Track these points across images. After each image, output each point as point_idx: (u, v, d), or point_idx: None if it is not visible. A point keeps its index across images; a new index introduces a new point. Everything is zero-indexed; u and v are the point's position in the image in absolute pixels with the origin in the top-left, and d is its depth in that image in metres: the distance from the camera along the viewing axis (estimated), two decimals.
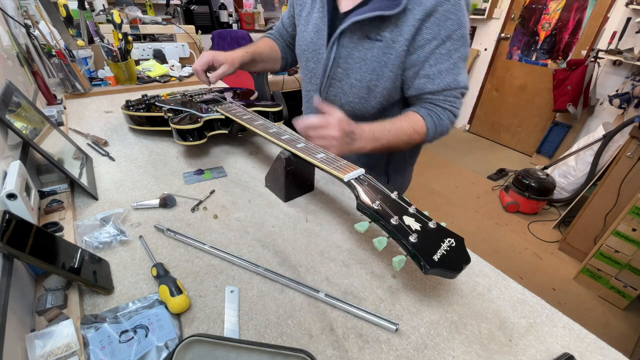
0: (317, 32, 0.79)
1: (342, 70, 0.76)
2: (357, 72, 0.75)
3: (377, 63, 0.72)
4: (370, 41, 0.71)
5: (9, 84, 0.67)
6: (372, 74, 0.73)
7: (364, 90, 0.76)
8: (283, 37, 1.02)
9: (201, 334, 0.38)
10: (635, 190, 1.63)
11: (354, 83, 0.76)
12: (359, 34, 0.72)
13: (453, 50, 0.68)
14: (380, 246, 0.46)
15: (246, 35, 2.64)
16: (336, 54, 0.75)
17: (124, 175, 0.75)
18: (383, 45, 0.70)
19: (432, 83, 0.70)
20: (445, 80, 0.70)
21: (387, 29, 0.69)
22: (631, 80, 2.36)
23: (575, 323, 0.48)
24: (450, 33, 0.66)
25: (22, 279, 0.45)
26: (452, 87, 0.71)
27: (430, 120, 0.72)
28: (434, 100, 0.72)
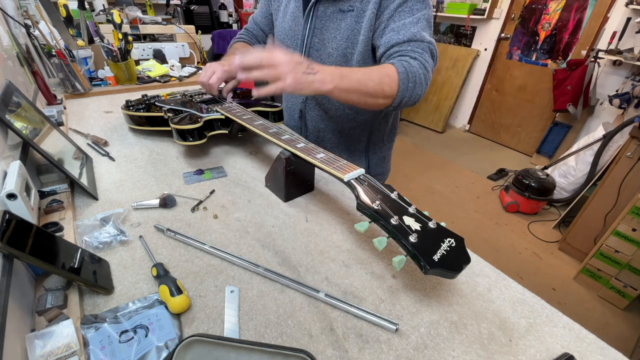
0: (293, 19, 0.86)
1: (318, 40, 0.82)
2: (333, 41, 0.80)
3: (351, 31, 0.78)
4: (342, 13, 0.78)
5: (9, 84, 0.67)
6: (347, 42, 0.79)
7: (340, 58, 0.81)
8: (257, 38, 1.05)
9: (201, 334, 0.38)
10: (635, 190, 1.63)
11: (331, 52, 0.82)
12: (332, 7, 0.79)
13: (415, 9, 0.73)
14: (380, 246, 0.46)
15: None
16: (311, 25, 0.81)
17: (124, 175, 0.75)
18: (355, 14, 0.77)
19: (397, 34, 0.72)
20: (410, 30, 0.71)
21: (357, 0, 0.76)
22: (631, 80, 2.36)
23: (575, 323, 0.48)
24: None
25: (22, 279, 0.45)
26: (417, 38, 0.72)
27: (400, 65, 0.68)
28: (402, 52, 0.72)
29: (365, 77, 0.64)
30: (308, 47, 0.84)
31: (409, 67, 0.68)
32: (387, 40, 0.73)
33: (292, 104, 1.01)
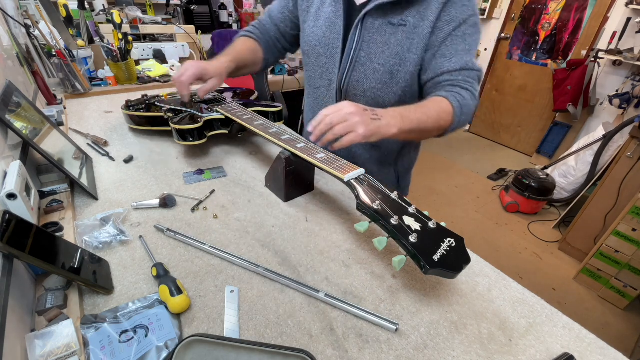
0: (330, 26, 0.78)
1: (365, 54, 0.76)
2: (381, 56, 0.74)
3: (401, 47, 0.72)
4: (393, 26, 0.71)
5: (9, 84, 0.67)
6: (395, 58, 0.73)
7: (386, 75, 0.76)
8: (269, 34, 0.95)
9: (201, 334, 0.38)
10: (635, 190, 1.63)
11: (377, 67, 0.75)
12: (381, 20, 0.72)
13: (468, 34, 0.69)
14: (380, 246, 0.46)
15: None
16: (359, 38, 0.75)
17: (124, 175, 0.75)
18: (407, 29, 0.71)
19: (449, 62, 0.69)
20: (462, 59, 0.69)
21: (411, 14, 0.70)
22: (631, 80, 2.36)
23: (575, 323, 0.48)
24: (466, 18, 0.68)
25: (22, 279, 0.45)
26: (469, 67, 0.70)
27: (454, 98, 0.68)
28: (453, 81, 0.70)
29: (424, 117, 0.64)
30: (353, 61, 0.77)
31: (462, 100, 0.68)
32: (437, 66, 0.71)
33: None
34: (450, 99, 0.67)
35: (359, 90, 0.80)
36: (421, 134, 0.67)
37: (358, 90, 0.80)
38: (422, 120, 0.64)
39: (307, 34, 0.84)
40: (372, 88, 0.78)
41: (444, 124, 0.67)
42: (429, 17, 0.69)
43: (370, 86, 0.78)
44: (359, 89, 0.80)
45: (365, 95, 0.80)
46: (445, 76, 0.70)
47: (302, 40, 0.87)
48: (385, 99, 0.79)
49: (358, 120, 0.56)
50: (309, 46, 0.84)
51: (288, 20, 0.92)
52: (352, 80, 0.80)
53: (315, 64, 0.85)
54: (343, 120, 0.56)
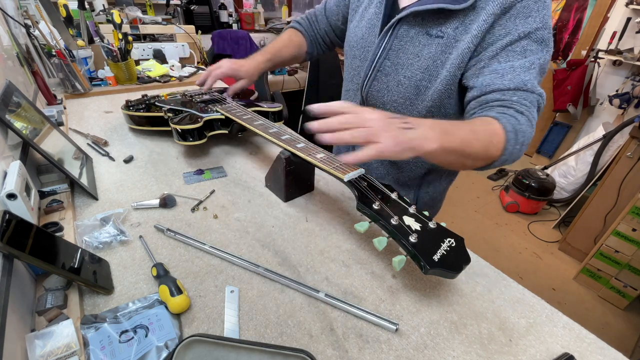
0: (369, 27, 0.72)
1: (391, 63, 0.68)
2: (408, 68, 0.66)
3: (433, 61, 0.63)
4: (429, 37, 0.63)
5: (9, 84, 0.67)
6: (425, 73, 0.65)
7: (411, 90, 0.68)
8: (315, 27, 0.94)
9: (201, 334, 0.38)
10: (635, 190, 1.63)
11: (402, 80, 0.68)
12: (417, 28, 0.64)
13: (530, 50, 0.57)
14: (380, 246, 0.46)
15: (246, 35, 2.64)
16: (387, 45, 0.67)
17: (124, 175, 0.75)
18: (443, 42, 0.62)
19: (502, 78, 0.57)
20: (519, 77, 0.56)
21: (451, 26, 0.60)
22: (631, 80, 2.36)
23: (575, 323, 0.48)
24: (530, 31, 0.56)
25: (22, 279, 0.45)
26: (527, 87, 0.56)
27: (507, 122, 0.54)
28: (505, 102, 0.57)
29: (471, 136, 0.51)
30: (376, 69, 0.70)
31: (518, 125, 0.54)
32: (486, 82, 0.58)
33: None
34: (502, 120, 0.54)
35: (379, 101, 0.74)
36: (464, 159, 0.52)
37: (377, 102, 0.74)
38: (468, 140, 0.50)
39: (350, 33, 0.79)
40: (393, 102, 0.71)
41: (494, 152, 0.53)
42: (473, 30, 0.58)
43: (392, 99, 0.71)
44: (378, 101, 0.74)
45: (385, 109, 0.73)
46: (496, 95, 0.58)
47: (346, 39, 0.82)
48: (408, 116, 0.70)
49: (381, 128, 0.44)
50: (348, 46, 0.80)
51: (340, 14, 0.88)
52: (372, 90, 0.74)
53: (350, 66, 0.81)
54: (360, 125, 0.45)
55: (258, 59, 0.86)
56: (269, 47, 0.91)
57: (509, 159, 0.56)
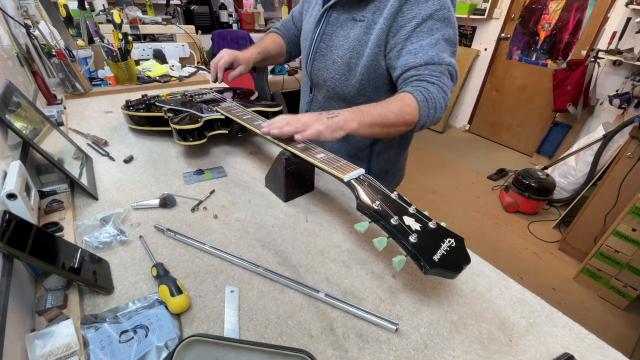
0: (312, 20, 0.84)
1: (326, 45, 0.81)
2: (339, 49, 0.78)
3: (358, 42, 0.75)
4: (354, 22, 0.76)
5: (9, 84, 0.67)
6: (353, 52, 0.77)
7: (344, 67, 0.79)
8: (290, 31, 1.06)
9: (201, 334, 0.38)
10: (635, 190, 1.63)
11: (336, 59, 0.80)
12: (345, 15, 0.77)
13: (435, 29, 0.69)
14: (380, 246, 0.46)
15: (246, 35, 2.64)
16: (321, 30, 0.80)
17: (124, 175, 0.75)
18: (365, 24, 0.74)
19: (414, 57, 0.69)
20: (427, 53, 0.68)
21: (369, 10, 0.73)
22: (631, 80, 2.36)
23: (575, 323, 0.48)
24: (431, 12, 0.68)
25: (22, 279, 0.45)
26: (435, 61, 0.68)
27: (418, 92, 0.67)
28: (419, 76, 0.69)
29: (385, 111, 0.64)
30: (315, 51, 0.83)
31: (427, 93, 0.66)
32: (403, 63, 0.71)
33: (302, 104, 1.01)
34: (414, 93, 0.66)
35: (321, 79, 0.86)
36: (386, 129, 0.66)
37: (319, 79, 0.86)
38: (384, 114, 0.64)
39: (303, 30, 0.92)
40: (332, 79, 0.83)
41: (410, 118, 0.66)
42: (384, 13, 0.70)
43: (330, 76, 0.83)
44: (320, 78, 0.86)
45: (327, 84, 0.86)
46: (412, 72, 0.70)
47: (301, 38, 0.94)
48: (345, 89, 0.83)
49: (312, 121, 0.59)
50: (301, 39, 0.93)
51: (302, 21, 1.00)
52: (314, 69, 0.86)
53: (302, 55, 0.94)
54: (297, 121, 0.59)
55: (251, 51, 0.96)
56: (259, 43, 1.02)
57: (428, 121, 0.69)
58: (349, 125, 0.61)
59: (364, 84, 0.80)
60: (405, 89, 0.69)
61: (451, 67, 0.70)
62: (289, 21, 1.07)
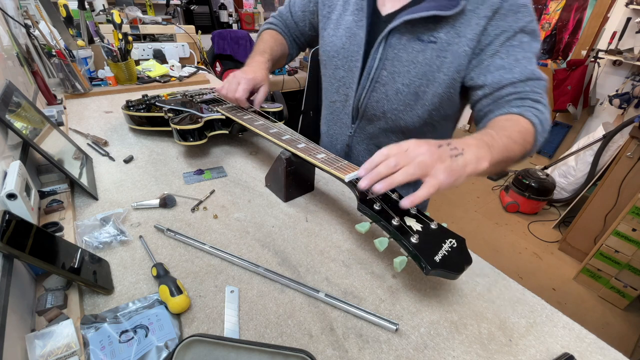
0: (350, 37, 0.72)
1: (387, 73, 0.68)
2: (405, 76, 0.67)
3: (429, 67, 0.65)
4: (421, 43, 0.64)
5: (9, 84, 0.67)
6: (422, 79, 0.66)
7: (410, 97, 0.69)
8: (290, 30, 0.92)
9: (201, 334, 0.38)
10: (635, 190, 1.63)
11: (400, 88, 0.68)
12: (408, 35, 0.65)
13: (526, 42, 0.60)
14: (381, 247, 0.46)
15: (246, 35, 2.64)
16: (382, 55, 0.67)
17: (123, 175, 0.75)
18: (437, 47, 0.63)
19: (510, 72, 0.59)
20: (527, 68, 0.59)
21: (443, 30, 0.62)
22: (631, 80, 2.36)
23: (575, 323, 0.48)
24: (523, 25, 0.59)
25: (22, 279, 0.45)
26: (536, 76, 0.59)
27: (531, 114, 0.56)
28: (520, 93, 0.59)
29: (510, 141, 0.53)
30: (374, 80, 0.70)
31: (541, 115, 0.58)
32: (496, 79, 0.60)
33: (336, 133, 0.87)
34: (527, 115, 0.56)
35: (379, 111, 0.74)
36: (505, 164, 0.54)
37: (377, 112, 0.74)
38: (509, 146, 0.52)
39: (326, 42, 0.77)
40: (393, 110, 0.72)
41: (528, 148, 0.56)
42: (467, 34, 0.61)
43: (391, 108, 0.72)
44: (378, 110, 0.74)
45: (385, 117, 0.74)
46: (509, 89, 0.60)
47: (321, 49, 0.80)
48: (408, 121, 0.72)
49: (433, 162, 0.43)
50: (326, 56, 0.78)
51: (307, 21, 0.88)
52: (371, 102, 0.73)
53: (332, 76, 0.80)
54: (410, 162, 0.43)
55: (260, 60, 0.82)
56: (263, 47, 0.86)
57: (537, 148, 0.60)
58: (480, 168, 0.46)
59: (433, 113, 0.70)
60: (505, 109, 0.59)
61: (547, 82, 0.62)
62: (288, 18, 0.91)
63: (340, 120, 0.84)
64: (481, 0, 0.60)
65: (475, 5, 0.60)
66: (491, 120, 0.61)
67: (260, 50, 0.85)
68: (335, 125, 0.87)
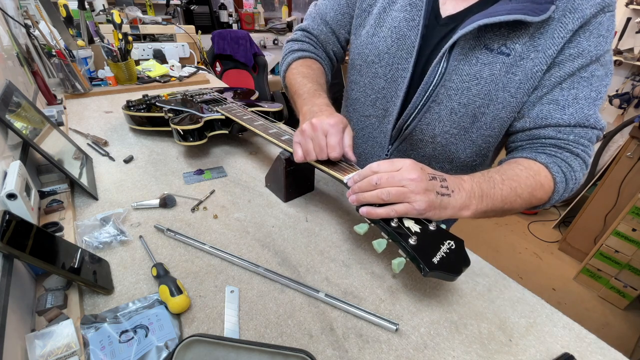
0: (398, 39, 0.58)
1: (444, 90, 0.55)
2: (464, 94, 0.54)
3: (495, 85, 0.52)
4: (490, 53, 0.51)
5: (9, 84, 0.67)
6: (485, 99, 0.53)
7: (467, 119, 0.56)
8: (323, 44, 0.74)
9: (201, 334, 0.38)
10: (635, 190, 1.63)
11: (456, 108, 0.56)
12: (472, 42, 0.52)
13: (597, 77, 0.49)
14: (379, 248, 0.46)
15: (246, 35, 2.64)
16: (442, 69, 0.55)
17: (123, 175, 0.75)
18: (509, 61, 0.50)
19: (561, 112, 0.50)
20: (582, 111, 0.49)
21: (520, 41, 0.49)
22: (631, 80, 2.36)
23: (575, 323, 0.48)
24: (602, 54, 0.49)
25: (22, 279, 0.45)
26: (589, 123, 0.50)
27: (558, 169, 0.50)
28: (560, 141, 0.51)
29: (512, 194, 0.47)
30: (430, 99, 0.57)
31: (569, 171, 0.50)
32: (542, 114, 0.51)
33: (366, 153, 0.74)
34: (552, 168, 0.50)
35: (427, 135, 0.61)
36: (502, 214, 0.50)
37: (425, 135, 0.61)
38: (508, 199, 0.47)
39: (363, 43, 0.64)
40: (445, 133, 0.60)
41: (536, 202, 0.51)
42: (546, 49, 0.49)
43: (443, 130, 0.59)
44: (427, 134, 0.61)
45: (434, 141, 0.61)
46: (550, 131, 0.51)
47: (354, 50, 0.67)
48: (459, 147, 0.61)
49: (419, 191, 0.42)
50: (362, 60, 0.64)
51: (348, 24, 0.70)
52: (421, 124, 0.61)
53: (368, 86, 0.66)
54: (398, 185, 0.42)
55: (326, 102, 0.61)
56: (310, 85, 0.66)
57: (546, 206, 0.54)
58: (459, 214, 0.45)
59: (490, 140, 0.59)
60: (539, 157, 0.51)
61: (602, 132, 0.52)
62: (320, 32, 0.72)
63: (373, 139, 0.70)
64: (571, 7, 0.47)
65: (562, 13, 0.47)
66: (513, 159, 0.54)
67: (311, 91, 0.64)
68: (365, 144, 0.73)
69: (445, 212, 0.44)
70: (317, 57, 0.73)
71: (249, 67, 2.69)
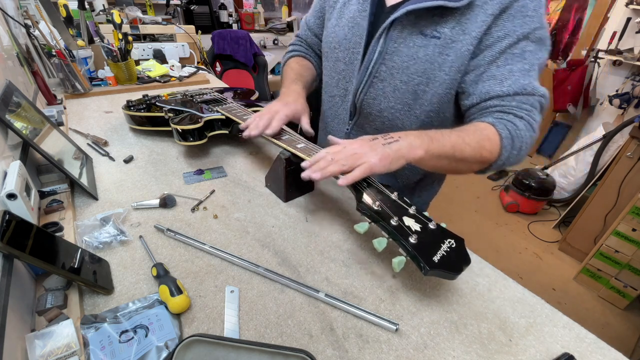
0: (352, 27, 0.67)
1: (386, 68, 0.64)
2: (404, 72, 0.63)
3: (430, 64, 0.60)
4: (424, 37, 0.59)
5: (9, 84, 0.67)
6: (422, 77, 0.62)
7: (409, 95, 0.65)
8: (312, 47, 0.89)
9: (201, 334, 0.38)
10: (635, 190, 1.63)
11: (399, 85, 0.64)
12: (410, 28, 0.60)
13: (528, 51, 0.55)
14: (380, 247, 0.46)
15: (246, 35, 2.64)
16: (383, 48, 0.63)
17: (123, 175, 0.75)
18: (440, 43, 0.58)
19: (500, 84, 0.56)
20: (519, 82, 0.56)
21: (447, 25, 0.57)
22: (631, 80, 2.36)
23: (575, 323, 0.48)
24: (529, 32, 0.55)
25: (22, 279, 0.45)
26: (527, 91, 0.56)
27: (503, 126, 0.55)
28: (504, 107, 0.57)
29: (460, 141, 0.53)
30: (372, 75, 0.66)
31: (514, 129, 0.55)
32: (484, 90, 0.58)
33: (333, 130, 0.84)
34: (497, 126, 0.55)
35: (374, 109, 0.70)
36: (456, 163, 0.55)
37: (373, 109, 0.70)
38: (458, 145, 0.53)
39: (329, 33, 0.74)
40: (390, 108, 0.68)
41: (487, 155, 0.55)
42: (471, 31, 0.56)
43: (388, 106, 0.68)
44: (374, 108, 0.70)
45: (382, 115, 0.70)
46: (494, 101, 0.58)
47: (324, 40, 0.76)
48: (405, 122, 0.69)
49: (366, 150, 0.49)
50: (328, 47, 0.74)
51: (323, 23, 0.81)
52: (367, 98, 0.70)
53: (332, 69, 0.76)
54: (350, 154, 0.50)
55: (297, 89, 0.76)
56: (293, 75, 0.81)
57: (507, 163, 0.58)
58: (413, 153, 0.50)
59: (432, 115, 0.67)
60: (485, 119, 0.58)
61: (544, 98, 0.58)
62: (306, 35, 0.88)
63: (338, 117, 0.80)
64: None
65: (484, 0, 0.55)
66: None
67: (291, 79, 0.79)
68: (333, 122, 0.83)
69: (398, 153, 0.50)
70: (306, 56, 0.88)
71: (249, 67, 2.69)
